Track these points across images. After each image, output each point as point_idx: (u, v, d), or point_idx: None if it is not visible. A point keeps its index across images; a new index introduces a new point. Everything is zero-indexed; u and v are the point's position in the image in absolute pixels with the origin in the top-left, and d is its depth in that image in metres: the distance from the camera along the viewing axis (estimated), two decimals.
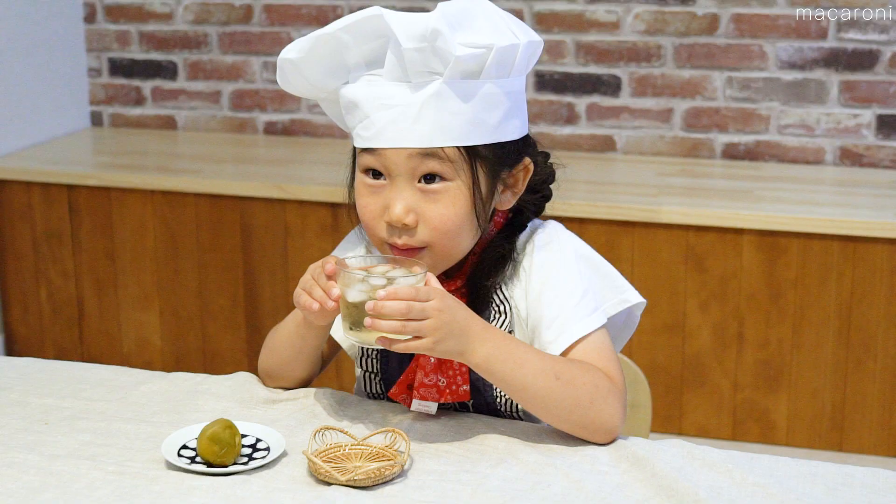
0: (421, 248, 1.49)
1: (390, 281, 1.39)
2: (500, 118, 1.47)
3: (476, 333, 1.43)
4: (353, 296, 1.40)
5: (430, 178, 1.46)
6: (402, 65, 1.42)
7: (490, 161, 1.49)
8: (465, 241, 1.52)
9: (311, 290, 1.46)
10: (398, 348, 1.40)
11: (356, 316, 1.40)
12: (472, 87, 1.44)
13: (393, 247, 1.50)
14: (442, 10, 1.42)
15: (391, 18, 1.41)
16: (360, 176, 1.51)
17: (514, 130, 1.51)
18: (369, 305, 1.36)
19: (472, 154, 1.47)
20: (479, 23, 1.44)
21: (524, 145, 1.54)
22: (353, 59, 1.47)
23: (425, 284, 1.41)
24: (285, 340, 1.62)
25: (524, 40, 1.46)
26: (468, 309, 1.44)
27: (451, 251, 1.51)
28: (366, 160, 1.49)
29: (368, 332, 1.39)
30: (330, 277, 1.44)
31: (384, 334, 1.38)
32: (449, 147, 1.45)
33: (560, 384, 1.43)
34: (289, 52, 1.48)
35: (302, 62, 1.48)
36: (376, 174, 1.48)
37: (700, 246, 3.00)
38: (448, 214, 1.47)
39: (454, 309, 1.41)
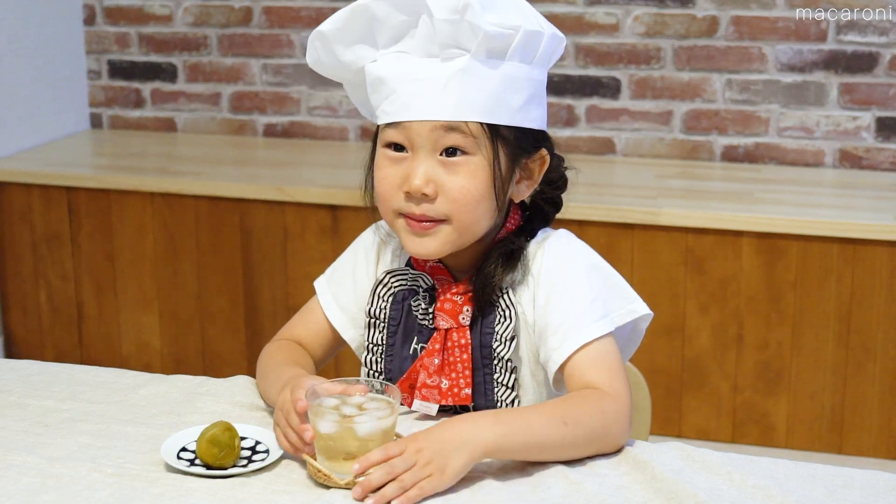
0: (440, 221, 1.49)
1: (361, 409, 1.38)
2: (521, 102, 1.49)
3: (472, 432, 1.37)
4: (326, 427, 1.36)
5: (451, 151, 1.48)
6: (431, 37, 1.45)
7: (510, 143, 1.50)
8: (483, 219, 1.51)
9: (284, 431, 1.42)
10: (412, 496, 1.33)
11: (334, 449, 1.36)
12: (497, 65, 1.46)
13: (410, 218, 1.50)
14: None
15: None
16: (381, 150, 1.52)
17: (534, 119, 1.53)
18: (357, 493, 1.32)
19: (494, 132, 1.48)
20: (506, 7, 1.48)
21: (543, 138, 1.57)
22: (383, 35, 1.49)
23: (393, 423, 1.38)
24: (276, 371, 1.58)
25: (549, 31, 1.50)
26: (447, 421, 1.40)
27: (470, 226, 1.50)
28: (389, 135, 1.50)
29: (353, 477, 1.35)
30: (301, 414, 1.39)
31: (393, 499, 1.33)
32: (472, 122, 1.46)
33: (570, 428, 1.41)
34: (323, 26, 1.51)
35: (333, 36, 1.50)
36: (398, 147, 1.50)
37: (699, 248, 3.00)
38: (468, 187, 1.48)
39: (434, 434, 1.36)
